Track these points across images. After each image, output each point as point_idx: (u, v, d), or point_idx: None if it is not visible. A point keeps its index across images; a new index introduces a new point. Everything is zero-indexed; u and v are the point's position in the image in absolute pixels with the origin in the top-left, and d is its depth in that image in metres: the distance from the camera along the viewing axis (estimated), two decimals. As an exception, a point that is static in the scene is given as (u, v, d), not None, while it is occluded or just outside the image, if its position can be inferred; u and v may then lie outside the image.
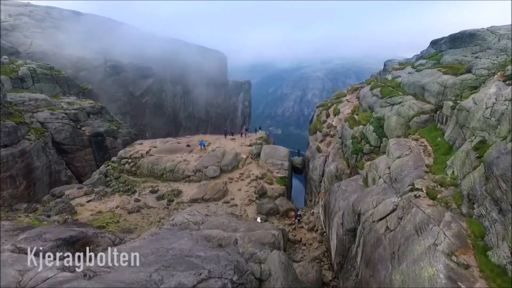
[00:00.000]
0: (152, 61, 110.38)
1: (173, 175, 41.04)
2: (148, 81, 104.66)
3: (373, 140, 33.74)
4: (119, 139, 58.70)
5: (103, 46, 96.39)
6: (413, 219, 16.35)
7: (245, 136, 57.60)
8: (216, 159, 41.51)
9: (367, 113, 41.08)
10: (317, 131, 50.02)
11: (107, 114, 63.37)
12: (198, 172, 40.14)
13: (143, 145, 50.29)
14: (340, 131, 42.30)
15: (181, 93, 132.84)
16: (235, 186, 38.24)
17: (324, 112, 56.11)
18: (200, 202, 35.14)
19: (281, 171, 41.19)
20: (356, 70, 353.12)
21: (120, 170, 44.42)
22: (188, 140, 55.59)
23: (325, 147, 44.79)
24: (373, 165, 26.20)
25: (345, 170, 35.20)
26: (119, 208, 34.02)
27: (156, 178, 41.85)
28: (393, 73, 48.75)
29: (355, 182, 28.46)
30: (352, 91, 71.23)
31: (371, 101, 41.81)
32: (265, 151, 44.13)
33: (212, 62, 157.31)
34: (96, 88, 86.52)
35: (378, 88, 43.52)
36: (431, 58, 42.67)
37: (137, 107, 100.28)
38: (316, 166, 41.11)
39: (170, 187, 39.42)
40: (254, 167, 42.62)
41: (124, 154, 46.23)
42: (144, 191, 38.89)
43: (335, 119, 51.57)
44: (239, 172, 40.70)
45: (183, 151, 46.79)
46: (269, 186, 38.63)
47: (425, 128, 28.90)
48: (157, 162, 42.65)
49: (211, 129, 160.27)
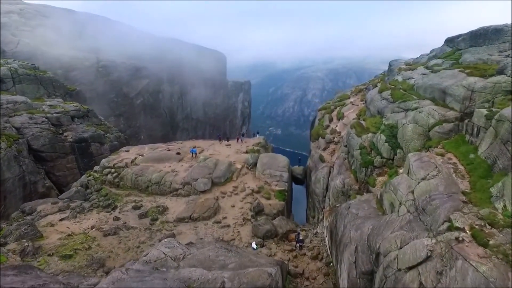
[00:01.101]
0: (147, 61, 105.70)
1: (159, 188, 36.34)
2: (143, 82, 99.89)
3: (385, 151, 29.00)
4: (106, 145, 54.04)
5: (95, 45, 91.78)
6: (461, 280, 11.68)
7: (242, 142, 52.89)
8: (207, 170, 36.78)
9: (376, 118, 36.37)
10: (320, 137, 45.29)
11: (95, 117, 58.67)
12: (186, 185, 35.44)
13: (129, 152, 45.58)
14: (345, 138, 37.58)
15: (178, 93, 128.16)
16: (228, 202, 33.53)
17: (327, 116, 51.38)
18: (187, 222, 30.44)
19: (280, 184, 36.49)
20: (356, 71, 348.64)
21: (102, 181, 39.75)
22: (179, 146, 50.89)
23: (328, 156, 40.05)
24: (390, 185, 21.50)
25: (353, 185, 30.49)
26: (95, 229, 29.34)
27: (141, 191, 37.17)
28: (403, 74, 44.03)
29: (367, 204, 23.77)
30: (356, 92, 66.59)
31: (381, 106, 37.10)
32: (262, 160, 39.38)
33: (210, 62, 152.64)
34: (87, 89, 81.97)
35: (388, 91, 38.80)
36: (448, 58, 37.92)
37: (132, 108, 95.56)
38: (319, 178, 36.39)
39: (155, 202, 34.73)
40: (250, 178, 37.90)
41: (107, 163, 41.54)
42: (126, 207, 34.20)
43: (339, 124, 46.84)
44: (232, 185, 35.97)
45: (172, 159, 42.06)
46: (267, 201, 33.95)
47: (450, 140, 24.18)
48: (142, 173, 37.96)
49: (209, 130, 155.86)
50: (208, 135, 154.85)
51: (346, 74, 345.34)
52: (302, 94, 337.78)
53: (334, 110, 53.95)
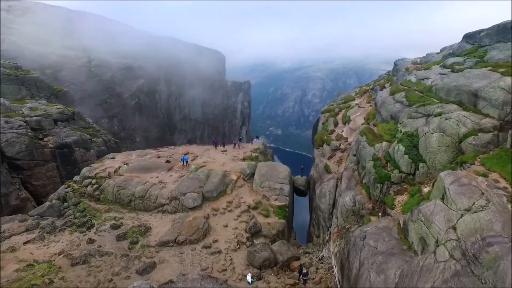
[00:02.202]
0: (143, 60, 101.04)
1: (143, 203, 31.64)
2: (138, 82, 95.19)
3: (404, 164, 24.25)
4: (92, 151, 49.34)
5: (87, 43, 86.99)
6: None
7: (239, 148, 48.16)
8: (198, 183, 32.01)
9: (390, 124, 31.61)
10: (324, 143, 40.53)
11: (82, 120, 53.97)
12: (174, 201, 30.71)
13: (114, 160, 40.87)
14: (354, 146, 32.83)
15: (176, 94, 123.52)
16: (220, 221, 28.79)
17: (332, 120, 46.59)
18: (171, 246, 25.72)
19: (280, 198, 31.75)
20: (356, 70, 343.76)
21: (81, 194, 35.09)
22: (171, 152, 46.19)
23: (335, 165, 35.32)
24: (420, 214, 16.78)
25: (365, 203, 25.75)
26: (62, 255, 24.69)
27: (123, 206, 32.46)
28: (416, 74, 39.30)
29: (387, 234, 19.05)
30: (361, 93, 61.80)
31: (394, 109, 32.35)
32: (260, 171, 34.62)
33: (209, 62, 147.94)
34: (78, 89, 77.52)
35: (402, 93, 34.06)
36: (470, 55, 33.09)
37: (126, 109, 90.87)
38: (325, 193, 31.64)
39: (137, 220, 30.03)
40: (246, 191, 33.15)
41: (88, 172, 36.85)
42: (104, 226, 29.49)
43: (345, 129, 42.08)
44: (226, 200, 31.21)
45: (161, 168, 37.35)
46: (265, 219, 29.23)
47: (490, 155, 19.45)
48: (125, 185, 33.24)
49: (208, 131, 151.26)
50: (206, 136, 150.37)
51: (347, 74, 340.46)
52: (302, 94, 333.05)
53: (339, 112, 49.20)
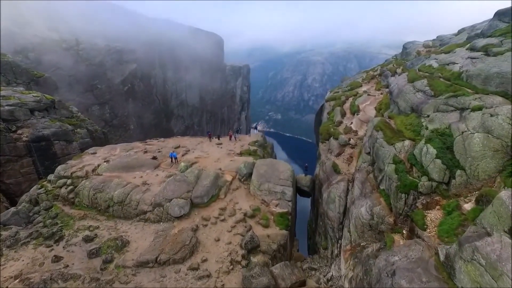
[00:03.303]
0: (136, 43, 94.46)
1: (122, 210, 26.88)
2: (131, 66, 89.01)
3: (435, 171, 19.30)
4: (75, 143, 44.33)
5: (75, 25, 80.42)
6: None
7: (235, 140, 43.14)
8: (186, 186, 27.12)
9: (411, 118, 26.49)
10: (331, 137, 35.47)
11: (64, 109, 48.64)
12: (158, 208, 25.93)
13: (95, 156, 35.89)
14: (368, 143, 27.80)
15: (172, 79, 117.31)
16: (211, 233, 24.09)
17: (338, 109, 41.37)
18: (151, 267, 21.12)
19: (281, 204, 26.99)
20: (357, 54, 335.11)
21: (55, 196, 30.32)
22: (161, 144, 41.22)
23: (344, 164, 30.38)
24: (478, 254, 11.97)
25: (385, 217, 20.94)
26: (19, 280, 20.13)
27: (100, 213, 27.73)
28: (438, 58, 33.89)
29: (423, 270, 14.33)
30: (368, 79, 56.34)
31: (415, 100, 27.18)
32: (258, 170, 29.71)
33: (207, 45, 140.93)
34: (65, 75, 71.75)
35: (423, 81, 28.79)
36: (508, 36, 27.67)
37: (118, 95, 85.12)
38: (334, 198, 26.82)
39: (115, 230, 25.36)
40: (242, 195, 28.33)
41: (63, 171, 31.94)
42: (76, 237, 24.86)
43: (354, 121, 36.94)
44: (219, 207, 26.41)
45: (146, 166, 32.45)
46: (264, 231, 24.56)
47: None
48: (103, 187, 28.40)
49: (206, 117, 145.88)
50: (205, 122, 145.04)
51: (347, 58, 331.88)
52: (302, 78, 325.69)
53: (346, 101, 43.91)
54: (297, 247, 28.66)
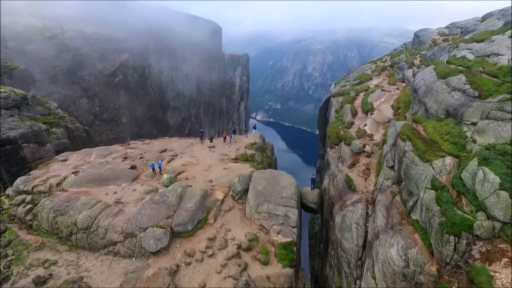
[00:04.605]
0: (128, 31, 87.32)
1: (88, 239, 21.30)
2: (122, 56, 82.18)
3: (501, 208, 13.59)
4: (49, 145, 38.50)
5: (60, 12, 73.38)
6: None
7: (231, 142, 37.31)
8: (166, 210, 21.44)
9: (447, 124, 20.62)
10: (341, 141, 29.64)
11: (39, 105, 42.54)
12: (130, 239, 20.32)
13: (65, 164, 30.10)
14: (390, 153, 21.98)
15: (168, 69, 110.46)
16: (195, 276, 18.55)
17: (348, 107, 35.38)
18: (114, 330, 15.70)
19: (284, 231, 21.39)
20: (358, 43, 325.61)
21: (11, 217, 24.70)
22: (145, 148, 35.42)
23: (361, 179, 24.62)
24: None
25: (425, 265, 15.31)
26: None
27: (61, 241, 22.14)
28: (471, 48, 27.75)
29: None
30: (378, 71, 50.10)
31: (452, 101, 21.26)
32: (256, 186, 24.01)
33: (204, 34, 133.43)
34: (49, 66, 65.22)
35: (460, 76, 22.75)
36: None
37: (109, 87, 78.56)
38: (350, 225, 21.20)
39: (76, 268, 19.80)
40: (236, 219, 22.68)
41: (23, 185, 26.25)
42: (26, 277, 19.31)
43: (369, 122, 31.00)
44: (207, 236, 20.80)
45: (122, 179, 26.72)
46: (263, 270, 19.02)
47: None
48: (67, 208, 22.76)
49: (204, 108, 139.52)
50: (202, 113, 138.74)
51: (348, 47, 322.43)
52: (302, 67, 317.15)
53: (357, 97, 37.88)
54: (303, 281, 23.22)
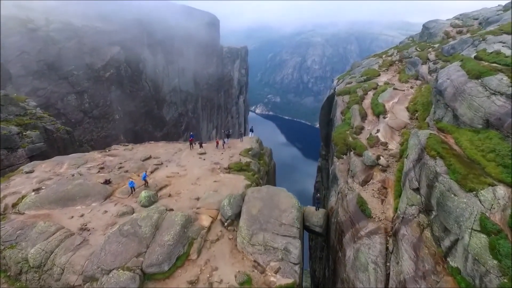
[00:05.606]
0: (121, 23, 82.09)
1: (40, 280, 16.96)
2: (113, 50, 77.01)
3: None
4: (21, 150, 33.96)
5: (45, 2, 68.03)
6: None
7: (224, 147, 32.75)
8: (137, 245, 16.92)
9: (489, 137, 16.13)
10: (350, 150, 25.14)
11: (13, 105, 37.87)
12: (90, 283, 15.96)
13: (30, 175, 25.56)
14: (414, 173, 17.48)
15: (163, 63, 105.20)
16: (169, 337, 14.31)
17: (356, 109, 30.75)
18: None
19: (284, 269, 17.04)
20: (358, 36, 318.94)
21: (-43, 245, 20.32)
22: (127, 155, 30.88)
23: (376, 200, 20.14)
24: None
25: None
26: None
27: (10, 280, 17.82)
28: (507, 41, 23.11)
29: None
30: (386, 66, 45.26)
31: (493, 108, 16.73)
32: (250, 210, 19.53)
33: (201, 26, 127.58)
34: (33, 60, 60.27)
35: (500, 76, 18.14)
36: None
37: (99, 83, 73.63)
38: (366, 264, 16.83)
39: (21, 320, 15.55)
40: (225, 253, 18.26)
41: (-25, 205, 21.80)
42: (-43, 334, 15.09)
43: (382, 127, 26.39)
44: (187, 279, 16.34)
45: (92, 197, 22.25)
46: (256, 326, 14.71)
47: None
48: (19, 237, 18.39)
49: (202, 103, 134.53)
50: (200, 108, 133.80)
51: (347, 39, 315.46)
52: (302, 60, 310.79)
53: (365, 96, 33.23)
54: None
